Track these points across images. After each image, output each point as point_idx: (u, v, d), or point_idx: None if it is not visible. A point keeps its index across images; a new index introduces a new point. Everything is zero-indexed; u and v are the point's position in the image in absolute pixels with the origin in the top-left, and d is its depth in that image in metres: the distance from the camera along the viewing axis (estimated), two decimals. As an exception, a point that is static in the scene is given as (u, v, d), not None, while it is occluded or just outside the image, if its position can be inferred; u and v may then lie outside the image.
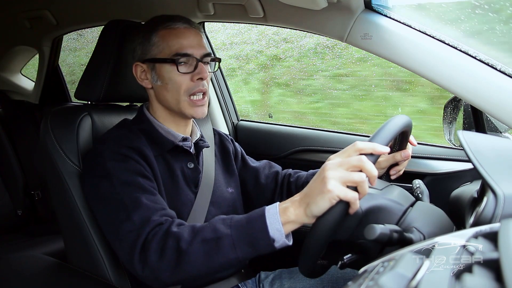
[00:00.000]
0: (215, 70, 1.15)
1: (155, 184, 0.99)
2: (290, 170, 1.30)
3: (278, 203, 0.79)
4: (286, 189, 1.25)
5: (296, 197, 0.78)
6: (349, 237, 0.79)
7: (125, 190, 0.91)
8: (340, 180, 0.70)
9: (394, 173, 1.10)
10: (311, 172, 1.25)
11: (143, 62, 1.06)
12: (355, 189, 0.71)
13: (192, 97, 1.04)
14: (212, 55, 1.09)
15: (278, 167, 1.31)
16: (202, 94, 1.05)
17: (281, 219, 0.76)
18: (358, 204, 0.71)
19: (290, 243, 0.79)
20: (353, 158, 0.71)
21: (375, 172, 0.71)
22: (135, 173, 0.95)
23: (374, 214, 0.80)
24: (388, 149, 0.72)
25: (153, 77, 1.06)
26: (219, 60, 1.14)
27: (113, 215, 0.91)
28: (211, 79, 1.77)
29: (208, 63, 1.09)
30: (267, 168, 1.29)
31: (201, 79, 1.03)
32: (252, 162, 1.31)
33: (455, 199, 0.98)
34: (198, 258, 0.80)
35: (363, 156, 0.71)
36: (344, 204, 0.70)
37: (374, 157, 0.73)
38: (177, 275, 0.82)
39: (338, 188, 0.69)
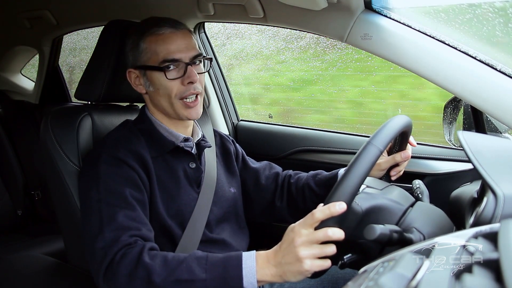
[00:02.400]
0: (207, 69, 1.14)
1: (145, 196, 0.98)
2: (290, 171, 1.29)
3: (254, 253, 0.82)
4: (286, 190, 1.25)
5: (271, 259, 0.80)
6: (349, 237, 0.79)
7: (108, 198, 0.92)
8: (314, 256, 0.76)
9: (395, 173, 1.10)
10: (311, 173, 1.25)
11: (135, 69, 1.07)
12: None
13: (185, 99, 1.04)
14: (204, 55, 1.08)
15: (278, 168, 1.31)
16: (195, 96, 1.05)
17: (257, 276, 0.80)
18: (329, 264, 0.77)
19: None
20: (320, 234, 0.75)
21: (342, 235, 0.75)
22: (125, 180, 0.95)
23: (374, 214, 0.80)
24: (344, 205, 0.74)
25: (146, 83, 1.06)
26: (211, 59, 1.14)
27: (91, 222, 0.91)
28: (211, 79, 1.77)
29: (200, 62, 1.08)
30: (267, 169, 1.29)
31: (191, 82, 1.03)
32: (253, 163, 1.31)
33: (455, 199, 0.98)
34: None
35: (329, 230, 0.74)
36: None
37: (336, 217, 0.75)
38: None
39: (314, 265, 0.76)
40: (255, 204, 1.27)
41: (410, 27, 1.03)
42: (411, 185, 0.98)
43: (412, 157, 1.13)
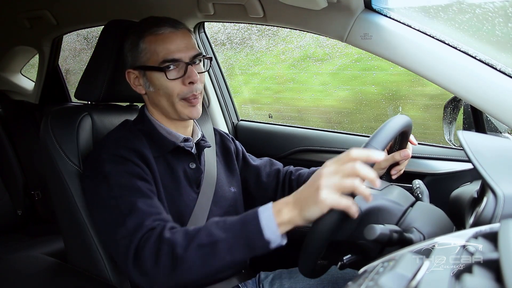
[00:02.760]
0: (207, 69, 1.14)
1: (154, 187, 0.98)
2: (291, 168, 1.29)
3: (271, 203, 0.80)
4: (288, 187, 1.25)
5: (290, 198, 0.78)
6: (348, 238, 0.79)
7: (122, 193, 0.92)
8: (333, 189, 0.71)
9: (395, 172, 1.10)
10: (312, 169, 1.24)
11: (135, 69, 1.06)
12: (352, 195, 0.72)
13: (186, 99, 1.04)
14: (203, 55, 1.08)
15: (279, 165, 1.31)
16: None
17: (276, 221, 0.77)
18: (354, 209, 0.71)
19: (284, 242, 0.79)
20: (347, 166, 0.71)
21: (372, 175, 0.71)
22: (133, 175, 0.95)
23: (373, 215, 0.80)
24: (383, 154, 0.72)
25: (145, 84, 1.06)
26: (211, 58, 1.14)
27: (109, 219, 0.91)
28: (211, 79, 1.77)
29: (200, 62, 1.08)
30: (268, 166, 1.29)
31: (192, 83, 1.02)
32: (253, 160, 1.31)
33: (455, 199, 0.98)
34: (194, 263, 0.80)
35: (358, 163, 0.71)
36: (337, 213, 0.71)
37: (369, 164, 0.73)
38: (173, 281, 0.82)
39: (330, 198, 0.70)
40: (256, 201, 1.27)
41: (410, 27, 1.03)
42: (411, 185, 0.98)
43: (412, 157, 1.13)
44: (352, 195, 0.72)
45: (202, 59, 1.09)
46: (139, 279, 0.84)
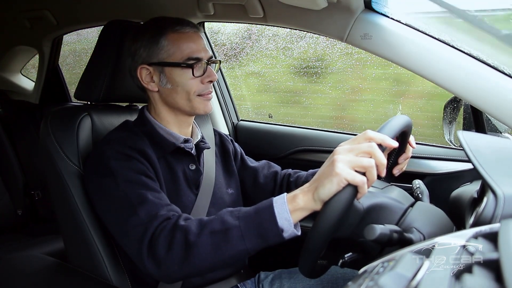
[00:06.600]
0: (216, 70, 1.15)
1: (158, 184, 0.99)
2: (289, 170, 1.29)
3: (285, 194, 0.79)
4: (285, 189, 1.25)
5: (306, 184, 0.78)
6: (350, 235, 0.79)
7: (130, 187, 0.92)
8: (349, 164, 0.70)
9: (397, 171, 1.09)
10: (311, 171, 1.24)
11: (149, 65, 1.05)
12: (363, 174, 0.71)
13: (203, 95, 1.07)
14: (214, 57, 1.10)
15: (277, 167, 1.31)
16: None
17: (289, 207, 0.76)
18: (366, 189, 0.71)
19: (299, 233, 0.79)
20: (363, 144, 0.72)
21: (384, 160, 0.71)
22: (138, 172, 0.95)
23: (375, 212, 0.80)
24: (397, 144, 0.73)
25: (162, 81, 1.05)
26: (220, 61, 1.15)
27: (118, 212, 0.91)
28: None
29: (213, 63, 1.10)
30: (266, 168, 1.29)
31: (210, 81, 1.06)
32: (251, 162, 1.31)
33: (455, 199, 0.98)
34: (206, 250, 0.80)
35: (374, 143, 0.71)
36: (351, 190, 0.70)
37: (382, 148, 0.73)
38: (186, 269, 0.82)
39: (346, 171, 0.69)
40: (254, 203, 1.27)
41: (410, 27, 1.03)
42: (411, 185, 0.98)
43: (412, 157, 1.13)
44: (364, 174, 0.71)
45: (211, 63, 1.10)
46: (154, 270, 0.84)
